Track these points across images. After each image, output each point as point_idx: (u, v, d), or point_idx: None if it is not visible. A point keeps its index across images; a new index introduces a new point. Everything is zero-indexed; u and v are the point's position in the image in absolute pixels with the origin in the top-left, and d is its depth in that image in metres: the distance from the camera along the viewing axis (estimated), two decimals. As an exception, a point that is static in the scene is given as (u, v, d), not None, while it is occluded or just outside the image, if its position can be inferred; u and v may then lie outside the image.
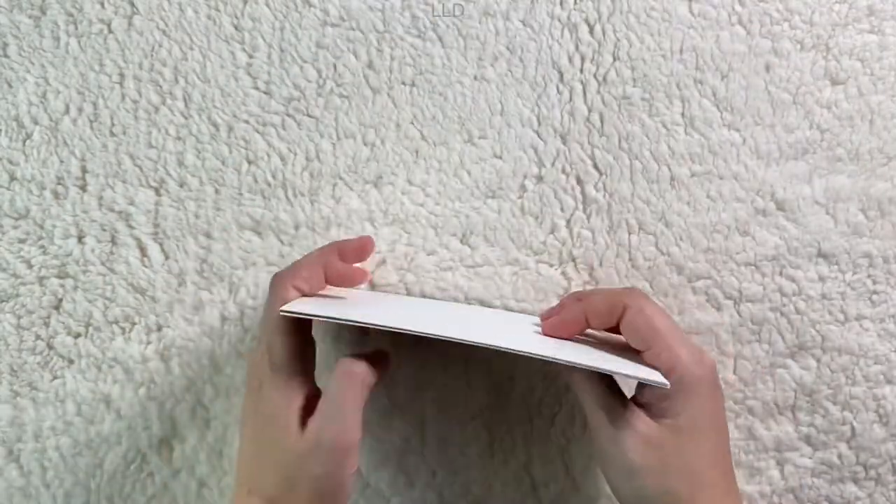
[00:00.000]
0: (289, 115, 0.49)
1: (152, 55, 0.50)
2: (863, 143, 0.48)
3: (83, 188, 0.49)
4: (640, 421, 0.37)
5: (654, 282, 0.48)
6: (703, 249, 0.48)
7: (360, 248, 0.44)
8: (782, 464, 0.48)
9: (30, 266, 0.49)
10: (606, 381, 0.39)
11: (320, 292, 0.41)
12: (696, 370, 0.37)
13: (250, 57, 0.50)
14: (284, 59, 0.49)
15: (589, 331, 0.41)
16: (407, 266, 0.48)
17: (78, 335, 0.48)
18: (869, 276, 0.48)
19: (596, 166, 0.48)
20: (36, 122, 0.49)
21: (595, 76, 0.49)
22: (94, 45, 0.50)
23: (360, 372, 0.38)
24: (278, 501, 0.37)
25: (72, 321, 0.48)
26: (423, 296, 0.48)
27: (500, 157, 0.49)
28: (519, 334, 0.40)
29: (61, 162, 0.49)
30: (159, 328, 0.48)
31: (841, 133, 0.48)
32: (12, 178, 0.49)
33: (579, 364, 0.35)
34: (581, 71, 0.49)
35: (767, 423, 0.48)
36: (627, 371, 0.36)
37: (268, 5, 0.50)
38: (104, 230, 0.49)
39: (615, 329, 0.39)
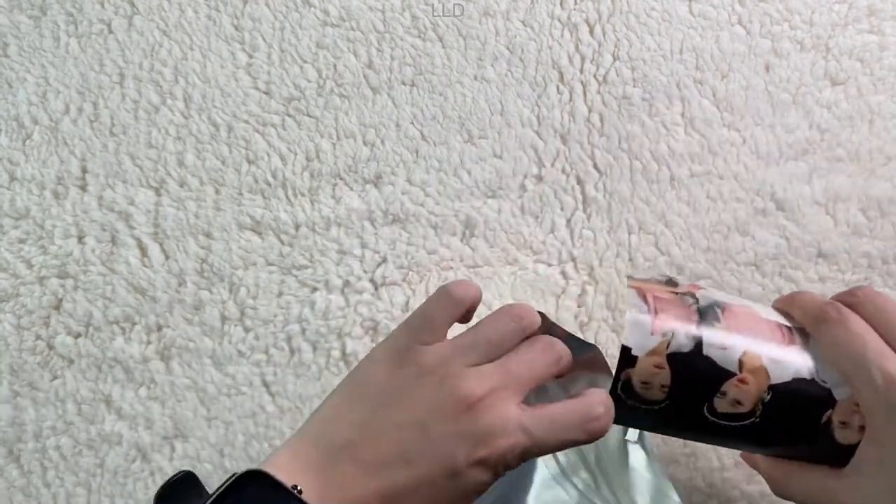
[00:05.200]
0: (289, 115, 0.49)
1: (152, 55, 0.50)
2: (863, 143, 0.48)
3: (83, 188, 0.49)
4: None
5: (654, 282, 0.48)
6: (703, 249, 0.48)
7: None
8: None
9: (30, 266, 0.49)
10: None
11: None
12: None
13: (250, 57, 0.50)
14: (284, 59, 0.49)
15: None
16: (407, 265, 0.48)
17: (78, 335, 0.48)
18: (868, 276, 0.48)
19: (596, 166, 0.48)
20: (36, 122, 0.49)
21: (595, 76, 0.49)
22: (95, 45, 0.50)
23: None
24: None
25: (72, 321, 0.48)
26: (426, 295, 0.48)
27: (500, 157, 0.49)
28: None
29: (61, 162, 0.49)
30: (159, 328, 0.48)
31: (841, 133, 0.48)
32: (12, 178, 0.49)
33: None
34: (581, 71, 0.49)
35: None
36: None
37: (268, 5, 0.50)
38: (104, 230, 0.49)
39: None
